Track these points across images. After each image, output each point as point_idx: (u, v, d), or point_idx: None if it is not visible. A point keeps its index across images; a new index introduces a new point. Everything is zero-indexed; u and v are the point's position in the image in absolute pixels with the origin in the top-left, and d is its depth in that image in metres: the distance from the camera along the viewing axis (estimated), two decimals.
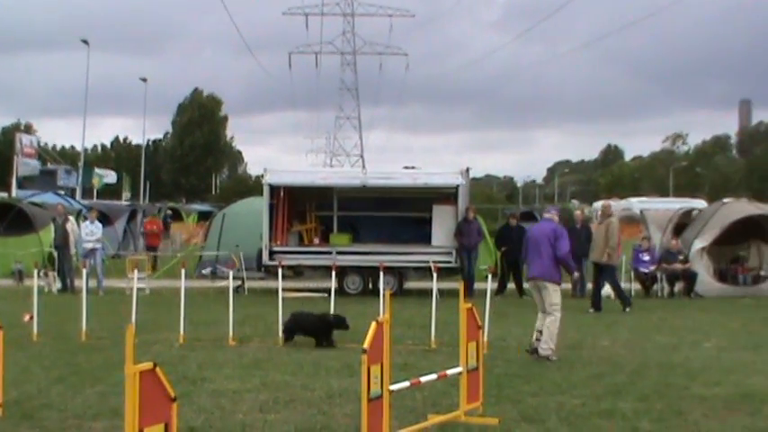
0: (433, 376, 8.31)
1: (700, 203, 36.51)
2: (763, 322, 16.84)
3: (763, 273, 23.51)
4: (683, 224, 24.08)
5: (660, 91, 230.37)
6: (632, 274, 23.22)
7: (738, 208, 23.95)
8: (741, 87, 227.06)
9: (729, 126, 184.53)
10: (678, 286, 22.50)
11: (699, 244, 22.66)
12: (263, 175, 23.11)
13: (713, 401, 9.34)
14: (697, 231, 22.95)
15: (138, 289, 15.10)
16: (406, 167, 24.92)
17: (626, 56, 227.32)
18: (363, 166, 32.66)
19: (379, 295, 15.23)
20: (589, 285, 22.59)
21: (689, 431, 8.14)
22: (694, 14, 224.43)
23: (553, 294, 12.30)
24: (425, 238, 22.54)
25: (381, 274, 15.65)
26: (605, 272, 19.64)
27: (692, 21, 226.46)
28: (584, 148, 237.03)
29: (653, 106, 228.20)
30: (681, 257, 22.48)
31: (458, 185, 22.22)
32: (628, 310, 18.80)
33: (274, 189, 22.44)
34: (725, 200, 25.68)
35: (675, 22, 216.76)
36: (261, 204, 22.76)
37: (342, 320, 13.41)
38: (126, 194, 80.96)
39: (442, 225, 22.35)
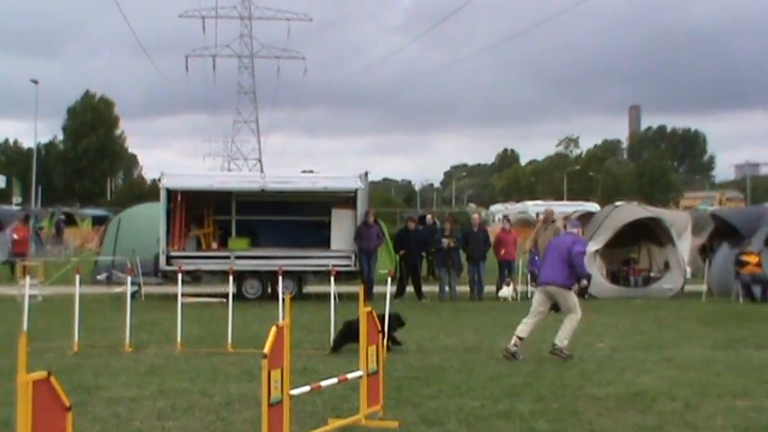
0: (334, 380, 8.30)
1: (593, 207, 37.44)
2: (653, 322, 17.30)
3: (653, 274, 24.17)
4: None
5: (556, 96, 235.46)
6: (528, 276, 23.59)
7: (629, 211, 24.54)
8: (631, 93, 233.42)
9: (620, 131, 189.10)
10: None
11: (592, 246, 23.13)
12: (159, 179, 22.78)
13: (606, 400, 9.55)
14: (590, 234, 23.44)
15: (30, 296, 14.70)
16: (305, 171, 24.86)
17: (523, 61, 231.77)
18: (262, 170, 32.52)
19: (278, 300, 15.15)
20: (490, 287, 22.97)
21: (583, 430, 8.30)
22: (589, 22, 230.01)
23: (568, 297, 12.88)
24: (325, 242, 22.53)
25: (280, 278, 15.59)
26: None
27: (586, 28, 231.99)
28: (482, 152, 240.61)
29: (549, 111, 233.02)
30: None
31: (357, 189, 22.27)
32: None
33: (171, 193, 22.12)
34: (617, 203, 26.29)
35: (570, 29, 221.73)
36: (157, 209, 22.42)
37: (398, 317, 13.27)
38: (16, 199, 78.73)
39: (342, 229, 22.37)
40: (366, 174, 23.05)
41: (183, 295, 14.21)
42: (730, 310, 19.61)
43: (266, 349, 6.72)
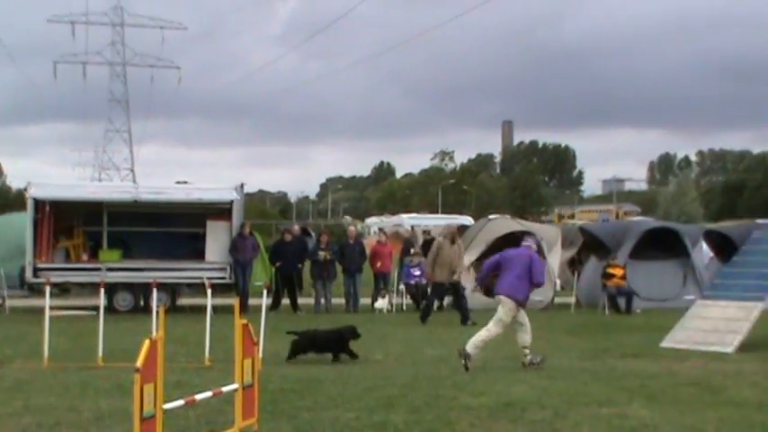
0: (208, 394, 8.22)
1: (467, 220, 37.95)
2: None
3: None
4: None
5: (431, 110, 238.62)
6: (404, 288, 23.82)
7: (502, 224, 25.04)
8: (505, 109, 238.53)
9: (494, 145, 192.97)
10: (447, 300, 23.24)
11: (466, 258, 23.51)
12: (26, 189, 22.14)
13: (479, 411, 9.72)
14: (465, 246, 23.80)
15: None
16: (180, 182, 24.54)
17: (400, 74, 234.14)
18: (134, 181, 31.86)
19: (151, 312, 14.90)
20: (364, 300, 23.10)
21: None
22: (465, 38, 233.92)
23: (504, 311, 13.12)
24: (199, 254, 22.28)
25: (154, 290, 15.33)
26: (459, 288, 20.43)
27: (461, 44, 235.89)
28: (358, 165, 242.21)
29: (424, 124, 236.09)
30: None
31: (232, 201, 22.12)
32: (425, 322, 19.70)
33: (39, 203, 21.53)
34: (490, 216, 26.79)
35: (446, 44, 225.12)
36: (23, 219, 21.78)
37: (353, 330, 13.69)
38: None
39: (217, 240, 22.17)
40: (242, 185, 22.91)
41: (50, 308, 13.82)
42: (597, 322, 20.21)
43: (139, 363, 6.61)
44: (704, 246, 25.56)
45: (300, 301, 22.83)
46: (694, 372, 12.61)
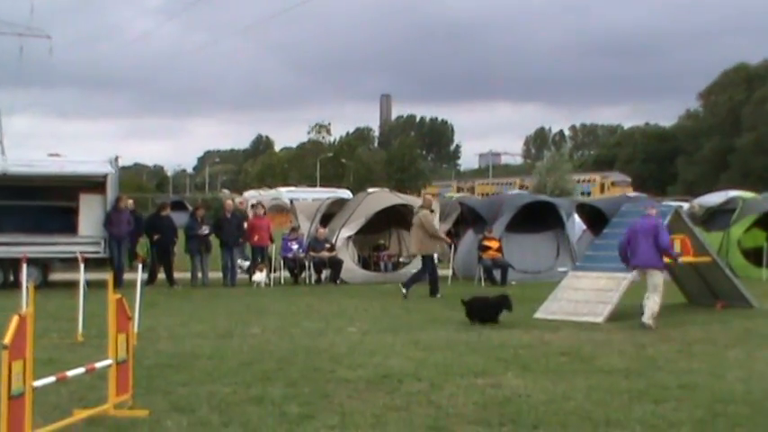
0: (81, 370, 8.03)
1: (345, 193, 38.07)
2: (401, 306, 17.84)
3: (402, 259, 24.93)
4: (330, 213, 24.94)
5: (311, 82, 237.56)
6: (282, 262, 23.74)
7: (381, 198, 25.17)
8: (384, 83, 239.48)
9: (372, 119, 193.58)
10: (325, 273, 23.30)
11: (345, 233, 23.59)
12: None
13: (357, 383, 9.78)
14: (343, 221, 23.87)
15: None
16: (52, 155, 23.78)
17: (280, 47, 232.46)
18: (3, 153, 30.84)
19: (21, 288, 14.45)
20: (241, 275, 22.93)
21: (334, 412, 8.46)
22: (346, 10, 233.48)
23: (656, 277, 14.87)
24: (72, 228, 21.70)
25: (24, 265, 14.86)
26: (430, 261, 20.11)
27: (343, 16, 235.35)
28: (237, 138, 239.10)
29: (304, 97, 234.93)
30: (328, 246, 23.27)
31: (107, 174, 21.59)
32: (439, 295, 19.48)
33: None
34: (369, 190, 26.88)
35: (328, 16, 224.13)
36: None
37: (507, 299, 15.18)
38: None
39: (90, 214, 21.61)
40: (116, 158, 22.38)
41: None
42: (474, 293, 20.49)
43: (6, 340, 6.41)
44: (577, 219, 26.22)
45: (177, 275, 22.50)
46: (566, 341, 12.95)
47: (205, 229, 22.56)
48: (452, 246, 25.02)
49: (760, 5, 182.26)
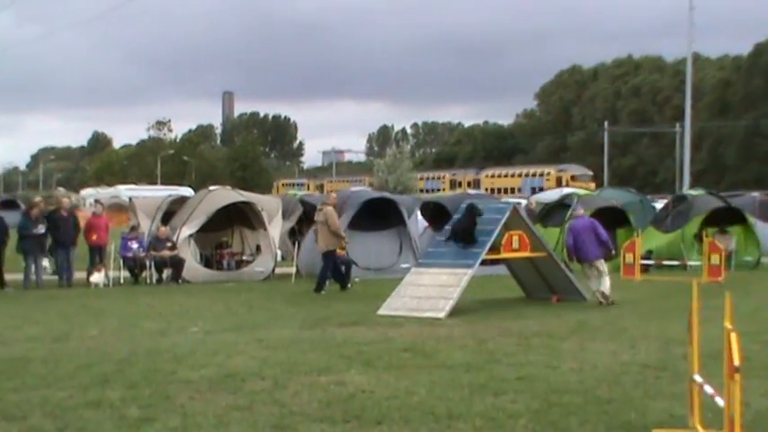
0: None
1: (187, 191, 37.47)
2: (245, 305, 17.68)
3: (245, 257, 24.71)
4: (171, 211, 24.47)
5: (152, 78, 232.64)
6: (121, 261, 23.15)
7: (223, 195, 24.86)
8: (227, 79, 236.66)
9: (214, 116, 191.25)
10: (166, 273, 22.85)
11: (186, 231, 23.18)
12: None
13: (199, 383, 9.62)
14: (184, 218, 23.45)
15: None
16: None
17: (120, 41, 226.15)
18: None
19: None
20: (79, 274, 22.24)
21: (176, 414, 8.29)
22: (188, 5, 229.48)
23: (599, 265, 17.63)
24: None
25: None
26: (332, 257, 20.24)
27: (186, 11, 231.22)
28: (73, 135, 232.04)
29: (144, 94, 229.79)
30: (169, 244, 22.83)
31: None
32: (350, 286, 20.22)
33: None
34: (211, 187, 26.52)
35: (171, 10, 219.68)
36: None
37: None
38: None
39: None
40: None
41: None
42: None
43: None
44: (419, 215, 26.58)
45: (8, 276, 21.62)
46: (409, 337, 13.09)
47: (41, 229, 21.74)
48: (296, 243, 24.98)
49: (596, 9, 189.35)
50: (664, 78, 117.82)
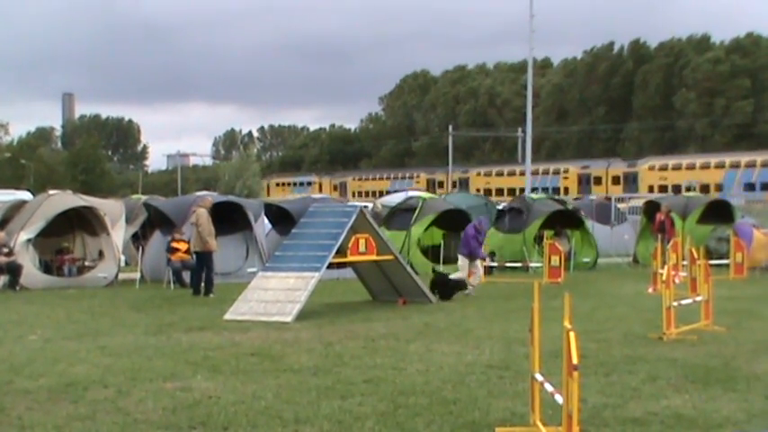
0: None
1: (25, 195, 36.10)
2: (87, 311, 17.19)
3: (87, 263, 24.01)
4: (8, 217, 23.56)
5: None
6: None
7: (63, 199, 24.11)
8: (68, 81, 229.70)
9: (54, 118, 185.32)
10: (3, 279, 21.98)
11: (24, 236, 22.38)
12: None
13: (38, 393, 9.31)
14: (22, 223, 22.63)
15: None
16: None
17: None
18: None
19: None
20: None
21: (12, 426, 8.01)
22: (27, 3, 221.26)
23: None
24: None
25: None
26: (204, 259, 20.30)
27: (24, 10, 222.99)
28: None
29: None
30: (6, 250, 21.96)
31: None
32: (212, 295, 19.74)
33: None
34: (50, 192, 25.67)
35: (6, 9, 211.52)
36: None
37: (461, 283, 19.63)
38: None
39: None
40: None
41: None
42: (162, 296, 20.17)
43: None
44: (265, 219, 26.43)
45: None
46: (256, 342, 13.02)
47: None
48: (140, 248, 24.45)
49: (444, 15, 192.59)
50: (503, 83, 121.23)
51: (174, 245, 22.70)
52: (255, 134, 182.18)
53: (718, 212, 30.10)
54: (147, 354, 11.93)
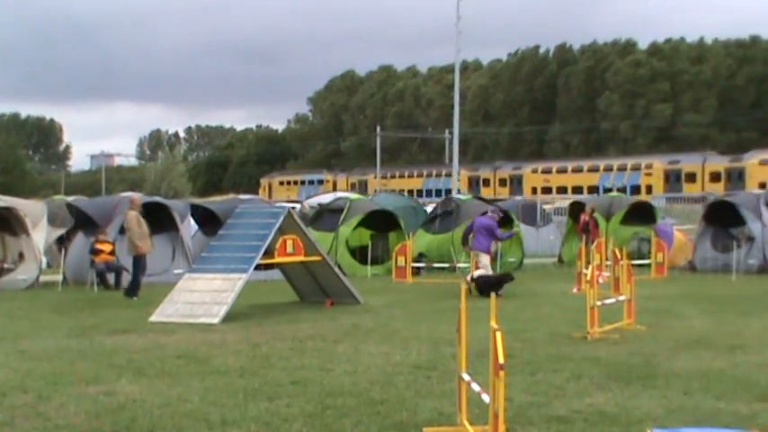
0: None
1: None
2: (5, 315, 16.80)
3: (7, 265, 23.48)
4: None
5: None
6: None
7: None
8: None
9: None
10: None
11: None
12: None
13: None
14: None
15: None
16: None
17: None
18: None
19: None
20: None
21: None
22: None
23: (483, 259, 20.38)
24: None
25: None
26: (136, 261, 19.89)
27: None
28: None
29: None
30: None
31: None
32: (136, 298, 19.33)
33: None
34: None
35: None
36: None
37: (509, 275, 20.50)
38: None
39: None
40: None
41: None
42: (86, 299, 19.84)
43: None
44: (192, 220, 26.18)
45: None
46: (182, 344, 12.87)
47: None
48: (62, 250, 24.01)
49: (373, 16, 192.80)
50: (428, 84, 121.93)
51: (98, 246, 22.37)
52: (182, 134, 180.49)
53: (641, 214, 30.69)
54: (69, 357, 11.71)
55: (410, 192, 73.46)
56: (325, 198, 35.41)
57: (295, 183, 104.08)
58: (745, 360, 11.39)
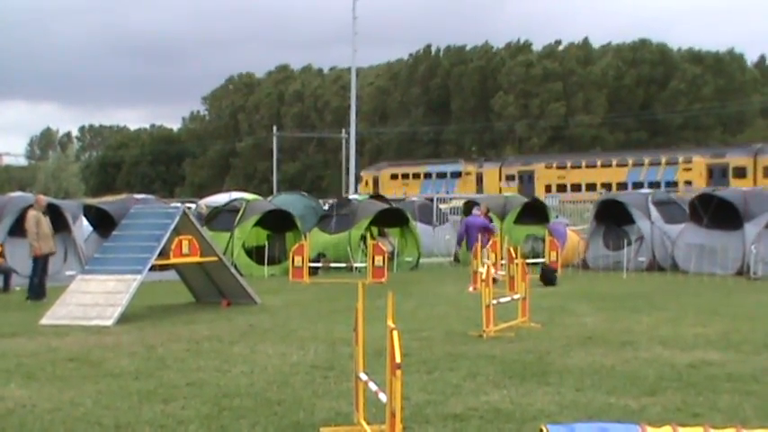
0: None
1: None
2: None
3: None
4: None
5: None
6: None
7: None
8: None
9: None
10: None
11: None
12: None
13: None
14: None
15: None
16: None
17: None
18: None
19: None
20: None
21: None
22: None
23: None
24: None
25: None
26: (35, 263, 19.38)
27: None
28: None
29: None
30: None
31: None
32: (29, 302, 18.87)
33: None
34: None
35: None
36: None
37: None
38: None
39: None
40: None
41: None
42: None
43: None
44: (84, 221, 25.65)
45: None
46: (74, 347, 12.61)
47: None
48: None
49: (270, 17, 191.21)
50: (324, 84, 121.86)
51: None
52: (76, 134, 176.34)
53: (534, 213, 31.27)
54: None
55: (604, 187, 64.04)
56: (222, 198, 35.11)
57: (416, 176, 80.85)
58: (635, 356, 11.70)
